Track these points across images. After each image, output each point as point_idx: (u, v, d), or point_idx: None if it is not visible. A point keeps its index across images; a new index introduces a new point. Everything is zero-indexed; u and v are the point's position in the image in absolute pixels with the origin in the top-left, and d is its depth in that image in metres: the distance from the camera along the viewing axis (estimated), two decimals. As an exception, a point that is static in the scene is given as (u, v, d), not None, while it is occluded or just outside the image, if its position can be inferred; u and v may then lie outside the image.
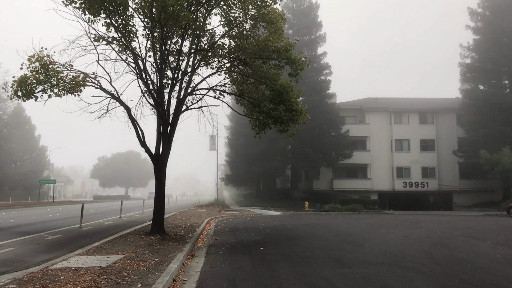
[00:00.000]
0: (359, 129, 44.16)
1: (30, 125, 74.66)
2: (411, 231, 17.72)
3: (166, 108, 14.01)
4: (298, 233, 16.52)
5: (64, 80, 12.36)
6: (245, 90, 15.87)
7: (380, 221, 23.95)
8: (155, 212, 14.02)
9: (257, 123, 16.02)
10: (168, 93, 14.07)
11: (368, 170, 44.28)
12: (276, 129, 15.95)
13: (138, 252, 10.27)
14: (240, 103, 16.68)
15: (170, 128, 14.28)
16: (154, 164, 14.19)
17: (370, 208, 38.68)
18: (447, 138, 44.38)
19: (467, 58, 42.84)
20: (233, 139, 46.01)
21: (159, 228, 13.85)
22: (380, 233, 16.60)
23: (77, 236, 14.07)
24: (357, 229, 18.35)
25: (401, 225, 20.97)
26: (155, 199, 14.18)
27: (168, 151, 14.29)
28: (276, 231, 17.62)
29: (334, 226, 19.63)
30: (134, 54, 13.47)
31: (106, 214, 26.35)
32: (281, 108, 15.20)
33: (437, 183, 43.86)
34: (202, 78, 14.80)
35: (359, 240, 14.34)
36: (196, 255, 10.89)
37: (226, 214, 30.14)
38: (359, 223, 21.97)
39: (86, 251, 10.38)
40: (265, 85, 15.27)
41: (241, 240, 14.22)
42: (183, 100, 14.53)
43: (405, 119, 44.92)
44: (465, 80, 43.22)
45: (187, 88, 14.52)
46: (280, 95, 14.58)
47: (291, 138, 16.31)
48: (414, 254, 11.25)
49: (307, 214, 32.06)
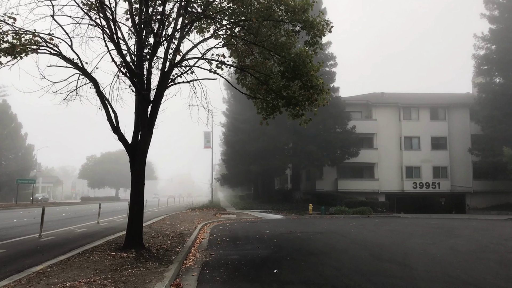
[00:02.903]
0: (365, 126, 40.82)
1: (16, 123, 71.02)
2: (452, 241, 14.40)
3: (146, 81, 10.56)
4: (315, 245, 13.14)
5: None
6: (248, 65, 12.46)
7: (401, 227, 20.63)
8: (130, 219, 10.56)
9: (264, 106, 12.64)
10: (149, 61, 10.60)
11: (375, 170, 40.97)
12: (288, 113, 12.57)
13: (96, 283, 6.84)
14: (242, 83, 13.27)
15: (151, 108, 10.85)
16: (131, 157, 10.75)
17: (379, 211, 35.39)
18: (460, 135, 41.19)
19: (482, 49, 39.62)
20: (229, 135, 42.47)
21: (136, 241, 10.39)
22: (417, 245, 13.25)
23: (26, 252, 10.56)
24: (384, 239, 14.99)
25: (432, 232, 17.65)
26: (130, 202, 10.72)
27: (149, 138, 10.86)
28: (286, 241, 14.22)
29: (354, 235, 16.25)
30: (103, 9, 10.03)
31: (83, 219, 22.79)
32: (296, 85, 11.84)
33: (449, 184, 40.63)
34: (193, 45, 11.35)
35: (399, 256, 10.97)
36: (183, 285, 7.47)
37: (223, 218, 26.70)
38: (380, 230, 18.62)
39: (17, 281, 6.93)
40: (275, 57, 11.91)
41: (244, 256, 10.82)
42: (169, 73, 11.10)
43: (415, 114, 41.67)
44: (479, 73, 40.06)
45: (174, 57, 11.08)
46: (295, 67, 11.22)
47: (306, 125, 12.94)
48: (492, 281, 7.92)
49: (312, 218, 28.72)
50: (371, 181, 40.82)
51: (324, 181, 40.83)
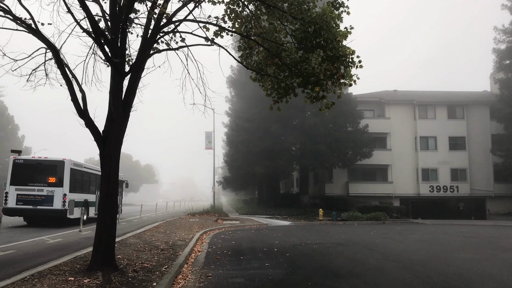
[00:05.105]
0: (378, 125, 38.00)
1: (13, 125, 68.89)
2: (506, 256, 11.69)
3: (119, 46, 7.93)
4: (340, 262, 10.44)
5: None
6: (256, 33, 9.80)
7: (430, 236, 17.89)
8: (98, 232, 7.91)
9: (275, 86, 10.02)
10: (122, 22, 7.97)
11: (388, 172, 38.13)
12: (305, 95, 9.94)
13: None
14: (247, 62, 10.61)
15: (128, 83, 8.24)
16: (101, 149, 8.14)
17: (395, 217, 32.61)
18: (480, 135, 38.32)
19: (503, 42, 36.94)
20: (232, 135, 39.75)
21: (105, 260, 7.74)
22: (467, 262, 10.53)
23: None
24: (421, 253, 12.25)
25: (472, 244, 14.93)
26: (99, 208, 8.07)
27: (124, 123, 8.26)
28: (302, 256, 11.54)
29: (382, 247, 13.53)
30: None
31: (66, 225, 20.15)
32: (317, 57, 9.21)
33: (468, 187, 37.72)
34: (182, 3, 8.69)
35: (455, 280, 8.26)
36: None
37: (224, 224, 24.02)
38: (408, 240, 15.90)
39: None
40: (289, 21, 9.29)
41: (251, 279, 8.18)
42: (152, 39, 8.49)
43: (431, 113, 38.82)
44: (500, 68, 37.30)
45: (158, 20, 8.46)
46: (315, 33, 8.60)
47: (327, 111, 10.31)
48: None
49: (323, 225, 26.02)
50: (384, 185, 37.99)
51: (333, 185, 38.06)
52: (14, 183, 18.98)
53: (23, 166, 19.23)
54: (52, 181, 19.16)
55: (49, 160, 19.75)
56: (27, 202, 18.84)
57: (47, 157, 20.03)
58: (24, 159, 19.56)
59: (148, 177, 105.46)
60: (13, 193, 18.82)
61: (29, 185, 19.02)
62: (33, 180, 19.10)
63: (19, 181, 19.01)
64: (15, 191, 18.85)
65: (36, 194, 18.92)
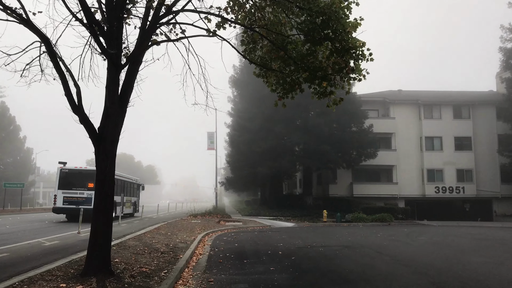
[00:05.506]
0: (382, 125, 37.43)
1: (15, 126, 68.58)
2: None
3: (115, 36, 7.46)
4: (348, 266, 9.93)
5: None
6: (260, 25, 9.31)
7: (439, 238, 17.35)
8: (93, 234, 7.44)
9: (281, 81, 9.53)
10: (119, 11, 7.50)
11: (393, 173, 37.54)
12: (312, 91, 9.46)
13: None
14: (250, 56, 10.13)
15: (125, 77, 7.78)
16: (96, 146, 7.67)
17: (400, 218, 32.04)
18: (486, 135, 37.69)
19: (510, 41, 36.34)
20: (235, 135, 39.26)
21: (101, 265, 7.26)
22: (482, 266, 10.00)
23: None
24: (432, 257, 11.72)
25: (484, 246, 14.39)
26: (94, 209, 7.57)
27: (120, 120, 7.78)
28: (308, 259, 11.04)
29: (391, 250, 13.00)
30: None
31: (66, 226, 19.73)
32: (324, 50, 8.72)
33: (474, 188, 37.10)
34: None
35: (473, 286, 7.75)
36: None
37: (227, 226, 23.52)
38: (417, 243, 15.37)
39: None
40: (295, 12, 8.80)
41: (256, 285, 7.69)
42: (151, 30, 8.02)
43: (437, 113, 38.22)
44: (507, 67, 36.73)
45: (158, 10, 8.00)
46: (323, 24, 8.12)
47: (335, 107, 9.81)
48: None
49: (328, 226, 25.52)
50: (389, 185, 37.39)
51: (337, 185, 37.49)
52: (61, 187, 23.14)
53: (68, 174, 23.50)
54: (91, 186, 22.17)
55: (88, 169, 23.91)
56: (71, 202, 22.88)
57: (87, 167, 24.86)
58: (68, 169, 23.72)
59: (150, 178, 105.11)
60: (60, 196, 23.08)
61: (72, 189, 23.17)
62: (76, 185, 23.27)
63: (64, 186, 23.14)
64: (61, 194, 23.07)
65: (79, 196, 23.04)
